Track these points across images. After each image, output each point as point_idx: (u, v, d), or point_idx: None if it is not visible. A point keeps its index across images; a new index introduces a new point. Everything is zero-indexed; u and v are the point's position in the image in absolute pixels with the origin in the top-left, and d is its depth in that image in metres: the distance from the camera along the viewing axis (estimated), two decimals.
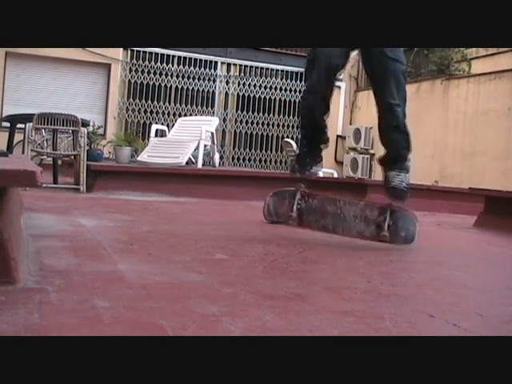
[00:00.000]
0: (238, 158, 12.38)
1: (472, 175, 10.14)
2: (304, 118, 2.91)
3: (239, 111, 12.27)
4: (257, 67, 12.40)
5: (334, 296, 1.68)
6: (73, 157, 5.89)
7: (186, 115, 11.14)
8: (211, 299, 1.50)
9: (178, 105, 11.71)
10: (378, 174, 10.18)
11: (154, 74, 11.48)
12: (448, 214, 5.73)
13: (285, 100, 12.46)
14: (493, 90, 10.16)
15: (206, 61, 11.87)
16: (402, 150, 2.66)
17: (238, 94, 12.27)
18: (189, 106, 11.82)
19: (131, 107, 11.39)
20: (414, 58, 12.31)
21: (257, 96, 12.36)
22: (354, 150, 12.14)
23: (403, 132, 2.63)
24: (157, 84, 11.52)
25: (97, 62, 11.12)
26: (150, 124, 10.11)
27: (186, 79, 11.75)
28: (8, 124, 7.26)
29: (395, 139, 2.63)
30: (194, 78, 11.82)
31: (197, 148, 7.29)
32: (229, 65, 12.19)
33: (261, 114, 12.39)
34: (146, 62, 11.41)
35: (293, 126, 12.55)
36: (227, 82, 12.18)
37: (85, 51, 10.64)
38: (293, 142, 8.06)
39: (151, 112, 11.50)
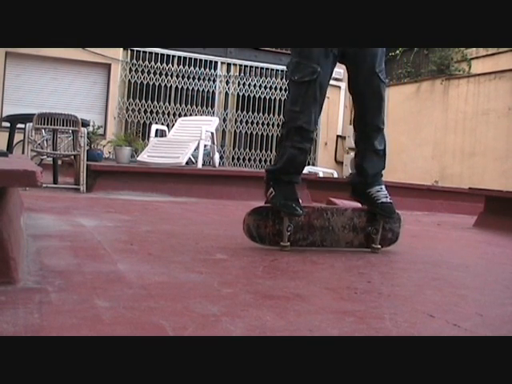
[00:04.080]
0: (238, 158, 12.39)
1: (472, 175, 10.15)
2: (292, 161, 2.46)
3: (239, 111, 12.28)
4: (257, 67, 12.41)
5: (334, 296, 1.68)
6: (73, 157, 5.90)
7: (186, 115, 11.15)
8: (211, 299, 1.50)
9: (178, 105, 11.72)
10: None
11: (154, 74, 11.50)
12: (448, 214, 5.73)
13: (285, 100, 12.46)
14: (493, 89, 10.17)
15: (206, 61, 11.88)
16: (381, 170, 2.59)
17: (237, 93, 12.29)
18: (189, 105, 11.83)
19: (131, 107, 11.40)
20: (414, 57, 12.32)
21: (257, 96, 12.37)
22: (354, 149, 12.13)
23: (384, 155, 2.57)
24: (157, 84, 11.53)
25: (97, 61, 11.13)
26: (150, 124, 10.13)
27: (186, 79, 11.76)
28: (8, 124, 7.26)
29: (378, 163, 2.55)
30: (194, 78, 11.83)
31: (197, 148, 7.29)
32: (229, 65, 12.20)
33: (261, 114, 12.40)
34: (146, 62, 11.41)
35: None
36: (227, 82, 12.19)
37: (85, 51, 10.65)
38: None
39: (151, 112, 11.51)
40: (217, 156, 8.14)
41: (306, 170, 7.00)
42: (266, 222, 2.43)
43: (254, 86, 12.34)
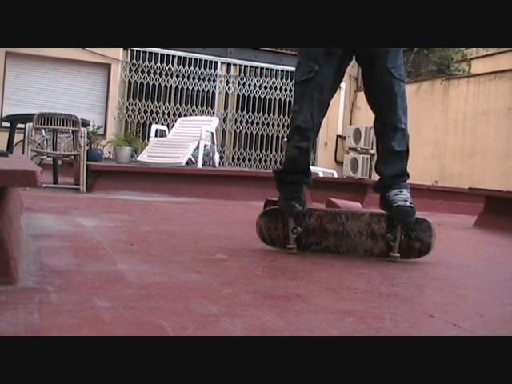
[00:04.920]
0: (238, 158, 12.39)
1: (472, 175, 10.15)
2: (293, 161, 2.47)
3: (239, 111, 12.28)
4: (257, 67, 12.40)
5: (334, 296, 1.68)
6: (73, 157, 5.90)
7: (186, 115, 11.15)
8: (211, 299, 1.50)
9: (178, 105, 11.72)
10: None
11: (154, 74, 11.49)
12: (448, 214, 5.73)
13: (285, 100, 12.47)
14: (493, 89, 10.16)
15: (206, 61, 11.88)
16: (402, 172, 2.48)
17: (237, 93, 12.28)
18: (189, 105, 11.83)
19: (131, 107, 11.40)
20: (414, 57, 12.32)
21: (257, 96, 12.37)
22: (354, 150, 12.15)
23: (406, 157, 2.48)
24: (157, 84, 11.52)
25: (97, 61, 11.13)
26: (150, 124, 10.12)
27: (186, 79, 11.76)
28: (8, 124, 7.26)
29: (397, 164, 2.46)
30: (194, 78, 11.83)
31: (197, 148, 7.29)
32: (229, 65, 12.19)
33: (261, 114, 12.40)
34: (146, 62, 11.41)
35: None
36: (227, 82, 12.19)
37: (85, 51, 10.65)
38: None
39: (151, 112, 11.51)
40: (217, 156, 8.14)
41: None
42: (276, 224, 2.42)
43: (254, 86, 12.33)
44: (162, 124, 10.46)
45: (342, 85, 12.31)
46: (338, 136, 13.04)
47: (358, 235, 2.38)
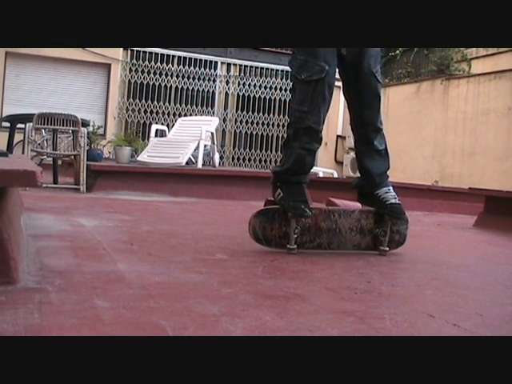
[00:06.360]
0: (238, 158, 12.40)
1: (472, 175, 10.15)
2: (301, 162, 2.44)
3: (239, 111, 12.28)
4: (257, 67, 12.41)
5: (334, 296, 1.68)
6: (73, 157, 5.90)
7: (186, 115, 11.15)
8: (211, 299, 1.50)
9: (178, 105, 11.73)
10: None
11: (154, 74, 11.50)
12: (448, 214, 5.73)
13: (285, 100, 12.47)
14: (493, 90, 10.17)
15: (206, 61, 11.88)
16: (386, 170, 2.55)
17: (237, 94, 12.29)
18: (189, 105, 11.83)
19: (131, 107, 11.40)
20: (414, 57, 12.32)
21: (257, 96, 12.37)
22: (354, 150, 12.14)
23: (387, 155, 2.54)
24: (157, 84, 11.53)
25: (97, 61, 11.13)
26: (150, 124, 10.13)
27: (186, 79, 11.76)
28: (8, 124, 7.26)
29: (382, 162, 2.53)
30: (194, 78, 11.83)
31: (197, 148, 7.29)
32: (229, 65, 12.20)
33: (261, 114, 12.40)
34: (146, 62, 11.42)
35: None
36: (227, 82, 12.20)
37: (85, 51, 10.65)
38: None
39: (151, 112, 11.51)
40: (217, 156, 8.14)
41: None
42: (273, 224, 2.39)
43: (254, 86, 12.34)
44: (162, 124, 10.46)
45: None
46: (337, 136, 13.04)
47: (348, 231, 2.45)
